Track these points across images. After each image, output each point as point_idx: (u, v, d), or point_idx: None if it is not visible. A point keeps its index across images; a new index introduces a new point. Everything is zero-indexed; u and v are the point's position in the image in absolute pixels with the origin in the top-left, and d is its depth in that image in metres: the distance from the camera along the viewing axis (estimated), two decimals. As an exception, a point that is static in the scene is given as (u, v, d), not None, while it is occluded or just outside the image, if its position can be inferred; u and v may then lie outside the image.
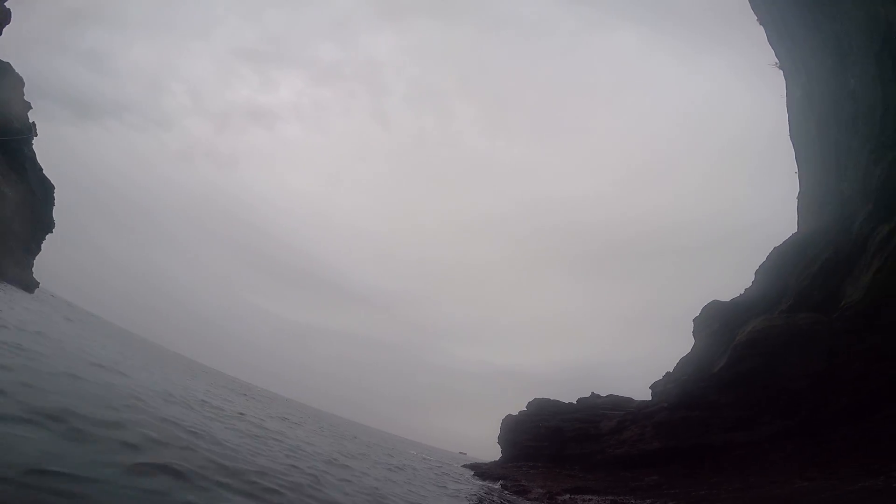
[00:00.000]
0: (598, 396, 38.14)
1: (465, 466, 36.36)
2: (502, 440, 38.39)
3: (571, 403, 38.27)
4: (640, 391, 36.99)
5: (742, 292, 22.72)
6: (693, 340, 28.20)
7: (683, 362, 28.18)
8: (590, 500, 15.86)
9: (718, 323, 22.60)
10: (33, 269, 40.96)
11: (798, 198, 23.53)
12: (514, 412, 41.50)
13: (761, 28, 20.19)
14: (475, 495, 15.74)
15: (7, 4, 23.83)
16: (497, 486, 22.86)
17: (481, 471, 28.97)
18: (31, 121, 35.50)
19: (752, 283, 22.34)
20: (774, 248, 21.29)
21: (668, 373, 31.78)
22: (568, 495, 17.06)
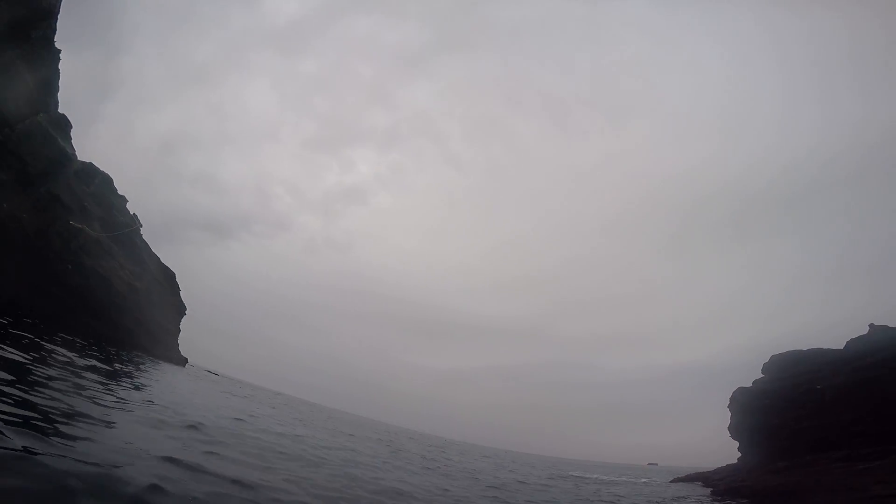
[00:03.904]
0: (889, 328, 23.25)
1: (677, 481, 24.50)
2: (738, 428, 25.46)
3: (839, 350, 24.08)
4: None
5: None
6: None
7: None
8: None
9: None
10: (180, 348, 43.51)
11: None
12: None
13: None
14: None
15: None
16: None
17: (721, 488, 17.57)
18: (131, 213, 37.33)
19: None
20: None
21: None
22: None
